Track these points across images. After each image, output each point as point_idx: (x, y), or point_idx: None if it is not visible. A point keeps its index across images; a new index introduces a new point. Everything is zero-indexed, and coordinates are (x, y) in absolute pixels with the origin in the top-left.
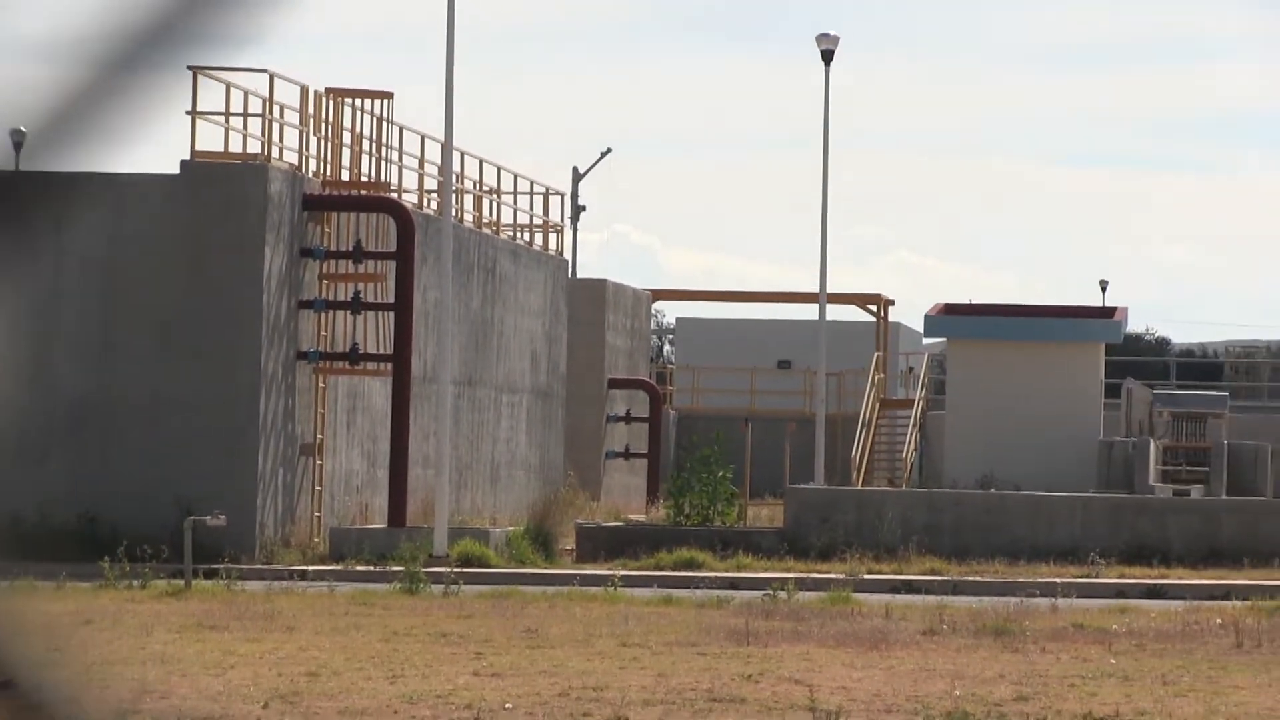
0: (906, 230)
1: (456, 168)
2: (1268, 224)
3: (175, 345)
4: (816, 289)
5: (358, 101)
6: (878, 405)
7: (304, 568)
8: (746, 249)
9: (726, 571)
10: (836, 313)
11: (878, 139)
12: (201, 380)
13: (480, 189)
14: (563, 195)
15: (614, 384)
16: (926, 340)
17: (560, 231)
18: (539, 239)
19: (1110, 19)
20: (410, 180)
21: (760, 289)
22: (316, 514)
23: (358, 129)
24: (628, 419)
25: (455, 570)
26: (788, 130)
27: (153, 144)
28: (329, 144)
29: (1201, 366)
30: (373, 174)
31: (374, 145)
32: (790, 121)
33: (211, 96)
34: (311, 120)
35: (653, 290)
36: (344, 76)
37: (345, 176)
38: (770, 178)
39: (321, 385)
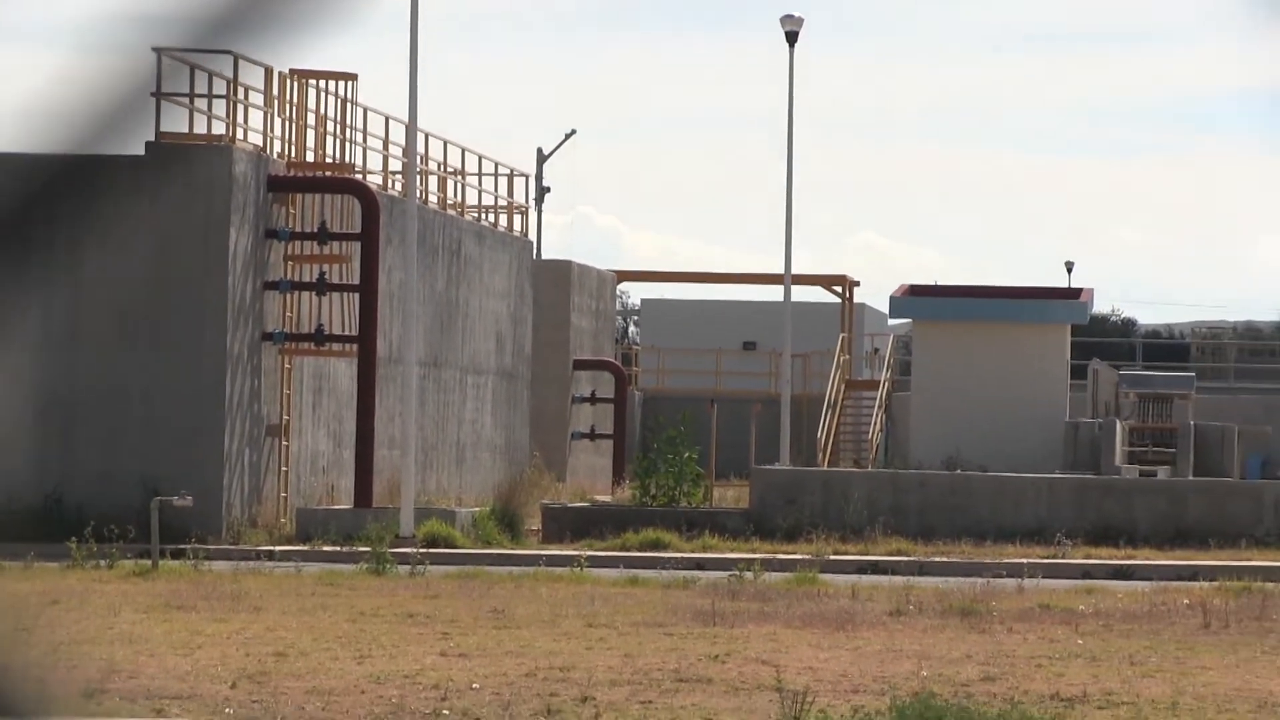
0: (871, 212)
1: (421, 149)
2: (1232, 206)
3: (140, 327)
4: (781, 270)
5: (322, 83)
6: (843, 386)
7: (271, 548)
8: (710, 231)
9: (693, 552)
10: (802, 294)
11: (842, 121)
12: (167, 361)
13: (445, 170)
14: (527, 177)
15: (579, 365)
16: (892, 321)
17: (525, 213)
18: (504, 220)
19: (1071, 3)
20: (375, 162)
21: (724, 270)
22: (283, 494)
23: (322, 110)
24: (593, 400)
25: (421, 551)
26: (752, 112)
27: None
28: (294, 125)
29: (1168, 348)
30: (337, 155)
31: (338, 127)
32: (754, 103)
33: (175, 78)
34: (276, 102)
35: (617, 271)
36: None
37: (310, 158)
38: (734, 160)
39: (287, 366)
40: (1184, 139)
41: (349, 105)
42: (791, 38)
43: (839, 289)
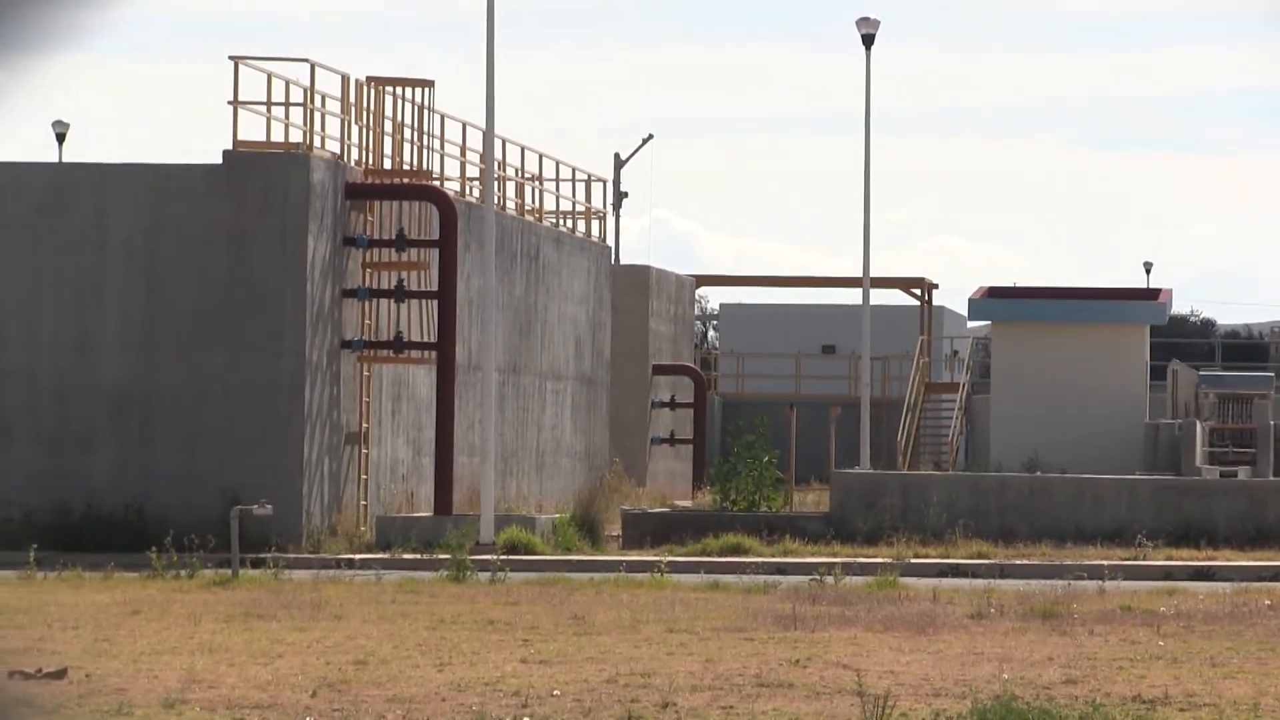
0: (949, 213)
1: (498, 155)
2: None
3: (219, 335)
4: (860, 273)
5: (399, 90)
6: (922, 389)
7: (351, 556)
8: (788, 234)
9: (773, 556)
10: (880, 297)
11: (919, 121)
12: (246, 369)
13: (522, 176)
14: (605, 182)
15: (658, 370)
16: (971, 324)
17: (603, 218)
18: (581, 226)
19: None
20: (452, 168)
21: (803, 274)
22: (363, 502)
23: (399, 117)
24: (672, 405)
25: (501, 558)
26: (829, 114)
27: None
28: (371, 133)
29: (1247, 348)
30: (414, 162)
31: (415, 133)
32: (831, 105)
33: (253, 86)
34: (353, 109)
35: (696, 276)
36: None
37: (387, 165)
38: (811, 162)
39: (366, 374)
40: (1265, 135)
41: (426, 112)
42: (868, 40)
43: (917, 291)
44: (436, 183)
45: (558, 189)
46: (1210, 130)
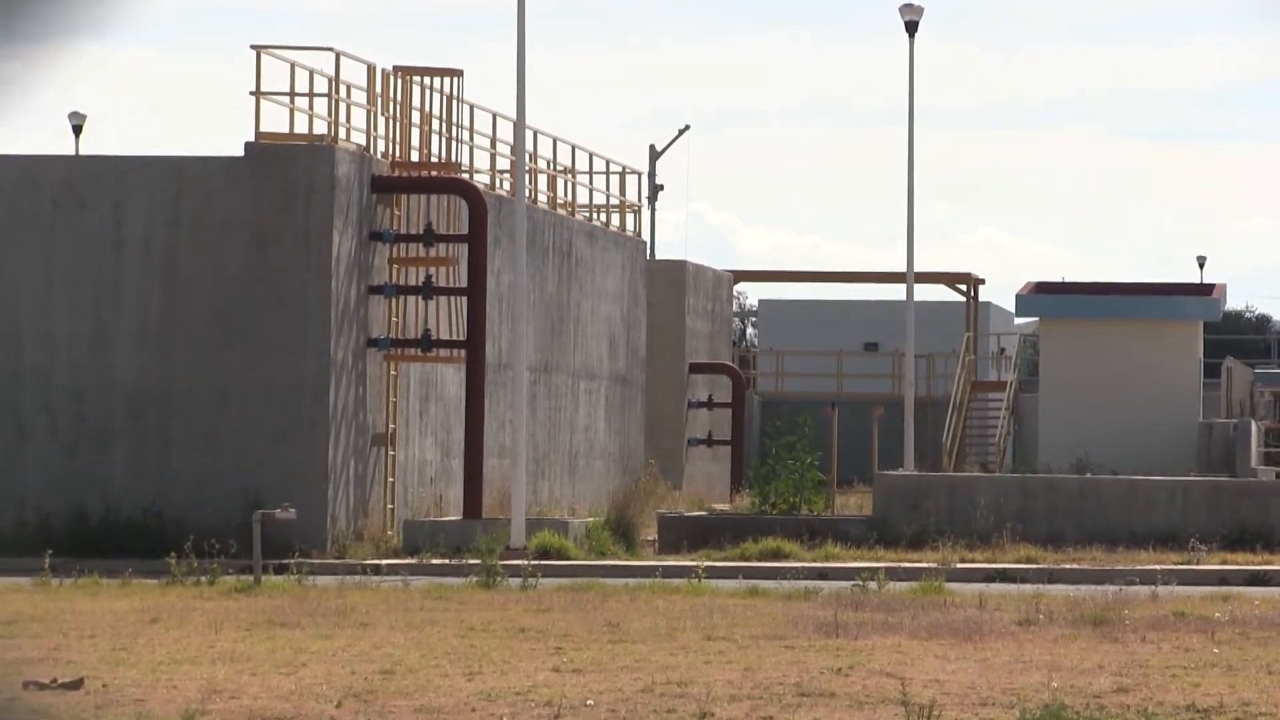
0: (995, 206)
1: (529, 147)
2: None
3: (240, 332)
4: (903, 268)
5: (426, 80)
6: (968, 388)
7: (377, 562)
8: (829, 228)
9: (814, 561)
10: (924, 293)
11: (963, 112)
12: (269, 369)
13: (554, 169)
14: (640, 174)
15: (695, 369)
16: (1018, 320)
17: (637, 212)
18: (615, 220)
19: None
20: (482, 161)
21: (844, 269)
22: (389, 506)
23: (427, 108)
24: (710, 405)
25: (533, 563)
26: (871, 104)
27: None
28: (398, 124)
29: None
30: (443, 154)
31: (444, 125)
32: (873, 95)
33: (276, 76)
34: (379, 100)
35: (733, 271)
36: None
37: (415, 157)
38: (853, 153)
39: (393, 373)
40: None
41: (455, 102)
42: (911, 27)
43: (963, 287)
44: (466, 175)
45: (591, 182)
46: (1267, 121)
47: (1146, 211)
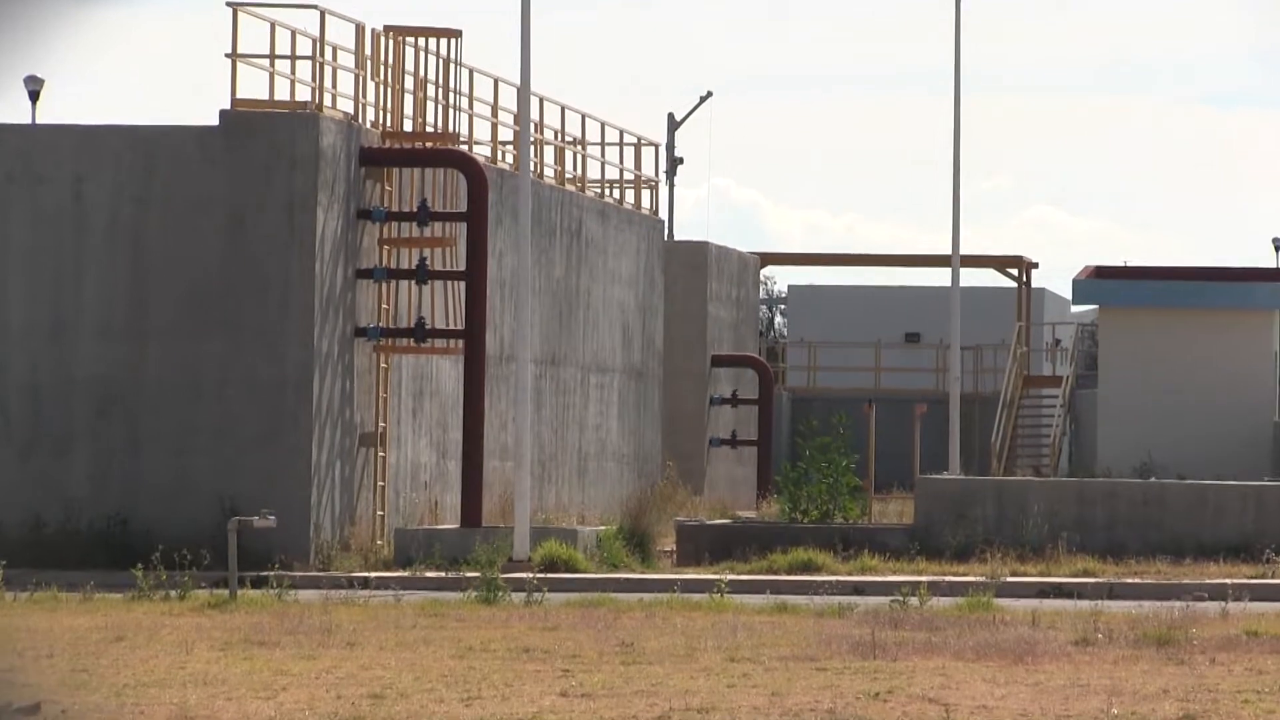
0: (1050, 182)
1: (535, 116)
2: None
3: (215, 321)
4: (948, 251)
5: (421, 41)
6: (1020, 383)
7: (366, 574)
8: (866, 207)
9: (849, 574)
10: (972, 278)
11: (1015, 77)
12: (246, 361)
13: (562, 140)
14: (657, 147)
15: (718, 361)
16: (1075, 308)
17: (655, 188)
18: (631, 197)
19: None
20: (482, 131)
21: (883, 251)
22: (379, 513)
23: (422, 73)
24: (734, 401)
25: (539, 576)
26: (913, 70)
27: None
28: (389, 90)
29: None
30: (439, 124)
31: (440, 91)
32: (915, 60)
33: (254, 37)
34: (369, 63)
35: (761, 254)
36: (405, 13)
37: (408, 127)
38: (893, 124)
39: (383, 366)
40: None
41: (452, 66)
42: None
43: (1014, 271)
44: (464, 147)
45: (603, 154)
46: None
47: (1218, 188)
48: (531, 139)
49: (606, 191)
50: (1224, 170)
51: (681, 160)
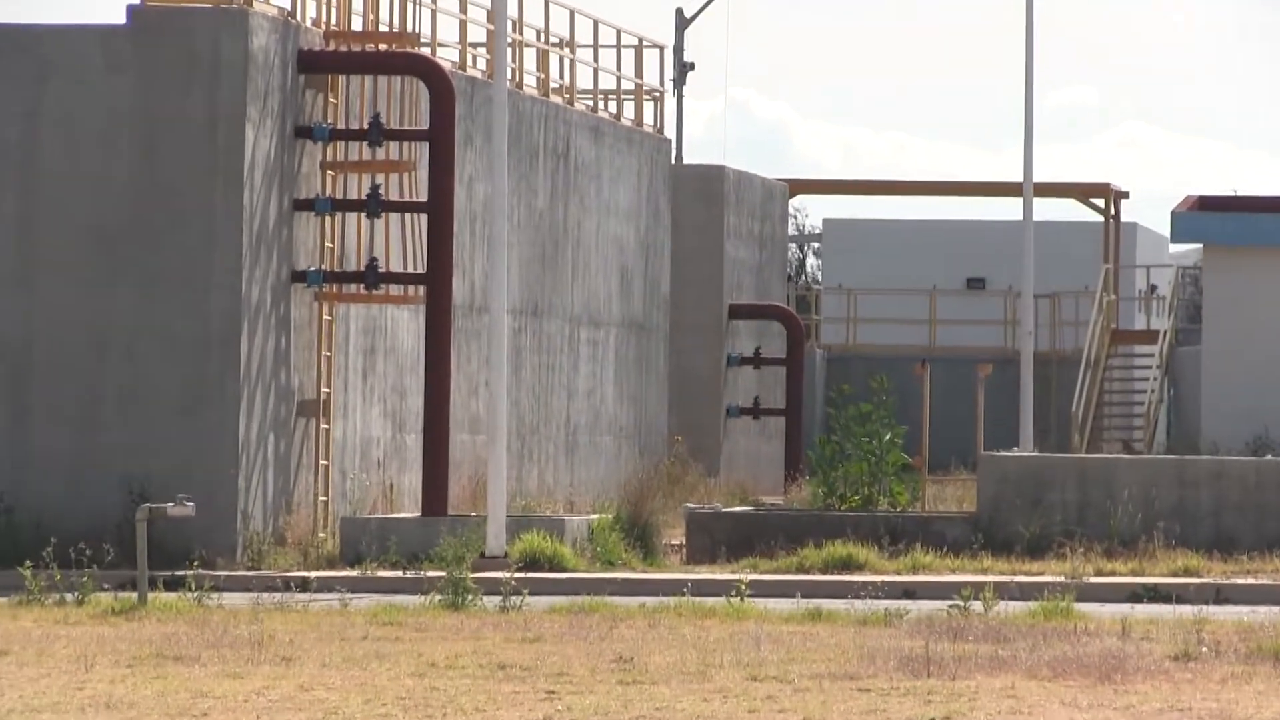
0: (1143, 94)
1: (512, 12)
2: None
3: (122, 265)
4: (1018, 177)
5: None
6: (1107, 339)
7: (305, 574)
8: (917, 122)
9: (898, 574)
10: (1048, 210)
11: None
12: (159, 313)
13: (547, 41)
14: (662, 49)
15: (737, 312)
16: (1174, 247)
17: (660, 100)
18: (630, 111)
19: None
20: (449, 31)
21: (937, 178)
22: (322, 499)
23: None
24: (757, 362)
25: (517, 575)
26: None
27: None
28: None
29: None
30: (396, 22)
31: None
32: None
33: None
34: None
35: (789, 181)
36: None
37: (357, 26)
38: (950, 24)
39: (327, 318)
40: None
41: None
42: None
43: (1100, 202)
44: (426, 50)
45: (596, 59)
46: None
47: None
48: (509, 39)
49: (601, 105)
50: None
51: (692, 66)
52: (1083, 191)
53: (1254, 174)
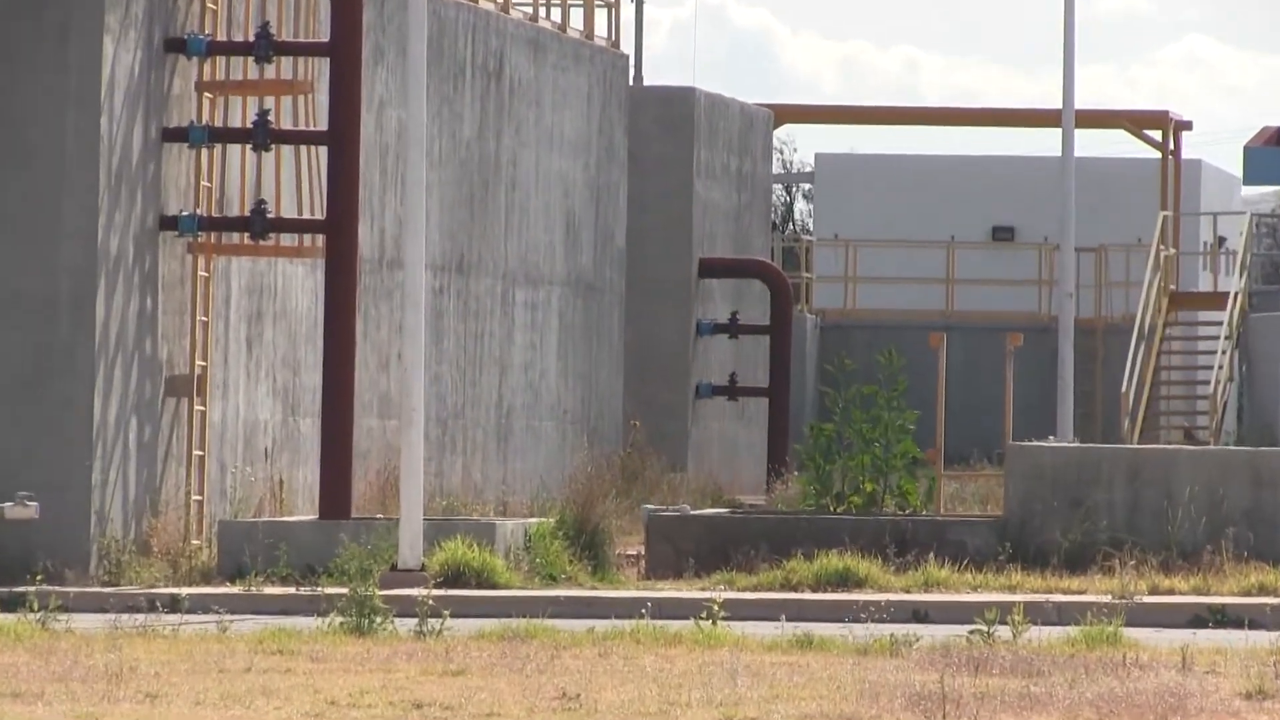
0: (1204, 3)
1: None
2: None
3: None
4: (1056, 104)
5: None
6: (1164, 303)
7: (175, 590)
8: (929, 36)
9: (907, 591)
10: (1091, 143)
11: None
12: None
13: None
14: None
15: (709, 269)
16: (1247, 190)
17: (615, 6)
18: (578, 21)
19: None
20: None
21: (956, 104)
22: (196, 498)
23: None
24: (734, 330)
25: (437, 593)
26: None
27: None
28: None
29: None
30: None
31: None
32: None
33: None
34: None
35: (774, 106)
36: None
37: None
38: None
39: (203, 274)
40: None
41: None
42: None
43: (1156, 135)
44: None
45: None
46: None
47: None
48: None
49: (542, 12)
50: None
51: None
52: (1135, 121)
53: None
